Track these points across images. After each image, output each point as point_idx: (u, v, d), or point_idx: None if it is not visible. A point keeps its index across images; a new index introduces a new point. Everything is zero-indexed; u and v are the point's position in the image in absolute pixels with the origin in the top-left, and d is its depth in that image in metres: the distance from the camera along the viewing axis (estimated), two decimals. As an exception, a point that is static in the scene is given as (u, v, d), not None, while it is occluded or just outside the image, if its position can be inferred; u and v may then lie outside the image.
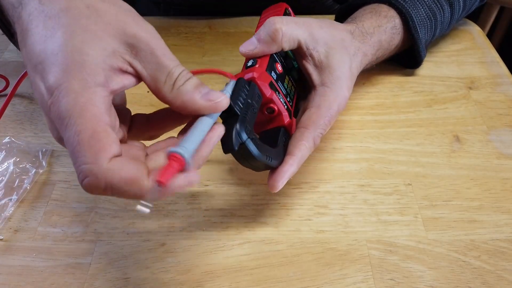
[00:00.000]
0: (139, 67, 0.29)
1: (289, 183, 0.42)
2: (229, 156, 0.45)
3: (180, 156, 0.27)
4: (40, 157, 0.43)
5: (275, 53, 0.40)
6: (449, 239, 0.38)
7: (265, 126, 0.39)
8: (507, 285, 0.35)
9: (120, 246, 0.38)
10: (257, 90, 0.36)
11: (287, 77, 0.41)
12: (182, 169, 0.27)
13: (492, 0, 0.91)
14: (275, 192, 0.35)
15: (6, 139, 0.44)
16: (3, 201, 0.40)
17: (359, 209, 0.40)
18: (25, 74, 0.45)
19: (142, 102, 0.50)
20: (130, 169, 0.27)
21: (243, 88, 0.35)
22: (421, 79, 0.53)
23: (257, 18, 0.50)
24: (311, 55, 0.40)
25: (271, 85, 0.38)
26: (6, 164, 0.42)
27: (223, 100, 0.31)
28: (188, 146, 0.28)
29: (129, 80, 0.29)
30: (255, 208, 0.40)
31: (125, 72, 0.29)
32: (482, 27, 0.98)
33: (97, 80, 0.27)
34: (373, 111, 0.49)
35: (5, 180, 0.41)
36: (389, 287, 0.35)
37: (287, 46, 0.39)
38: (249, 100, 0.35)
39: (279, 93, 0.38)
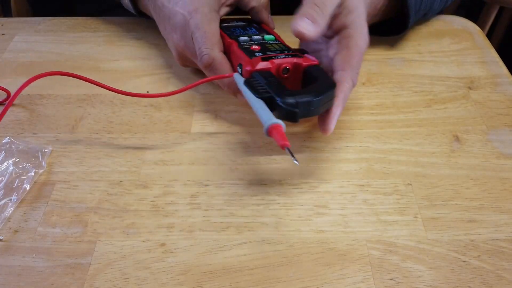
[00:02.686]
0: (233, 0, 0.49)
1: (289, 183, 0.42)
2: (229, 156, 0.45)
3: (277, 124, 0.36)
4: (40, 158, 0.43)
5: (237, 36, 0.47)
6: (449, 239, 0.38)
7: (299, 79, 0.43)
8: (507, 285, 0.35)
9: (120, 247, 0.38)
10: (260, 73, 0.41)
11: (265, 45, 0.46)
12: (283, 129, 0.36)
13: (492, 0, 0.91)
14: (328, 135, 0.41)
15: (6, 140, 0.44)
16: (2, 202, 0.40)
17: (359, 209, 0.40)
18: (24, 85, 0.45)
19: (142, 103, 0.50)
20: (225, 60, 0.45)
21: (254, 81, 0.40)
22: (420, 79, 0.53)
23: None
24: None
25: (264, 59, 0.42)
26: (5, 164, 0.42)
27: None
28: (272, 117, 0.37)
29: (227, 10, 0.49)
30: (255, 208, 0.40)
31: (226, 5, 0.49)
32: (482, 27, 0.98)
33: (215, 8, 0.47)
34: (373, 111, 0.49)
35: (4, 180, 0.41)
36: (389, 287, 0.35)
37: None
38: (265, 82, 0.39)
39: (275, 57, 0.42)
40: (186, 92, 0.49)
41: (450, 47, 0.58)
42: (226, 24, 0.50)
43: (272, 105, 0.38)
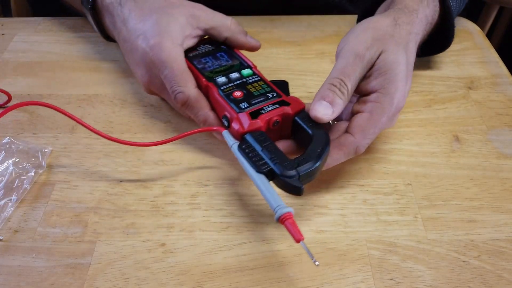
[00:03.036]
0: (201, 32, 0.47)
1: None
2: (228, 156, 0.45)
3: (289, 213, 0.34)
4: (40, 158, 0.43)
5: (220, 89, 0.43)
6: (449, 239, 0.38)
7: (288, 127, 0.41)
8: (507, 284, 0.35)
9: (119, 247, 0.38)
10: (252, 136, 0.38)
11: (246, 86, 0.43)
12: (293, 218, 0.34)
13: (492, 0, 0.91)
14: None
15: (6, 140, 0.44)
16: (2, 202, 0.40)
17: (358, 209, 0.40)
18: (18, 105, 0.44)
19: (141, 102, 0.50)
20: (202, 96, 0.43)
21: (248, 148, 0.38)
22: (420, 79, 0.53)
23: (256, 18, 0.50)
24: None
25: (252, 115, 0.39)
26: (5, 164, 0.42)
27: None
28: (281, 203, 0.35)
29: (193, 41, 0.47)
30: (255, 208, 0.40)
31: (192, 37, 0.46)
32: (482, 27, 0.98)
33: (179, 42, 0.44)
34: (373, 111, 0.49)
35: (4, 180, 0.41)
36: (389, 287, 0.35)
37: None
38: (261, 149, 0.37)
39: (263, 109, 0.40)
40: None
41: (450, 47, 0.58)
42: (193, 54, 0.47)
43: (272, 176, 0.36)
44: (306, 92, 0.52)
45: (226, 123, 0.41)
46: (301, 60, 0.56)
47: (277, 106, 0.40)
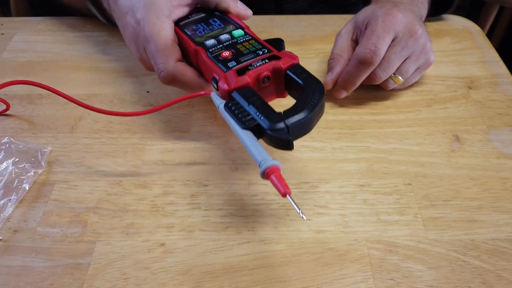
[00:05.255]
0: (190, 0, 0.46)
1: (289, 183, 0.42)
2: (229, 156, 0.45)
3: (275, 166, 0.32)
4: (39, 157, 0.43)
5: (208, 47, 0.42)
6: (449, 239, 0.38)
7: (281, 83, 0.39)
8: (507, 284, 0.35)
9: (119, 247, 0.38)
10: (239, 92, 0.37)
11: (235, 46, 0.41)
12: (280, 171, 0.33)
13: (492, 0, 0.91)
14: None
15: (5, 139, 0.44)
16: (2, 202, 0.40)
17: (358, 209, 0.40)
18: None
19: (141, 102, 0.50)
20: (186, 67, 0.42)
21: (234, 106, 0.36)
22: (420, 79, 0.53)
23: (256, 17, 0.50)
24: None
25: (239, 72, 0.38)
26: (5, 164, 0.42)
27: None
28: (267, 157, 0.33)
29: (184, 10, 0.46)
30: (255, 208, 0.40)
31: (181, 6, 0.45)
32: (482, 26, 0.98)
33: (165, 14, 0.43)
34: (373, 110, 0.49)
35: (4, 180, 0.41)
36: (389, 287, 0.35)
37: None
38: (247, 104, 0.36)
39: (251, 65, 0.38)
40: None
41: (450, 47, 0.58)
42: (185, 21, 0.45)
43: (260, 132, 0.35)
44: (306, 92, 0.52)
45: (215, 85, 0.39)
46: (301, 60, 0.55)
47: (267, 61, 0.38)
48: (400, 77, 0.48)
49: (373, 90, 0.51)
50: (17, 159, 0.43)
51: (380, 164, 0.44)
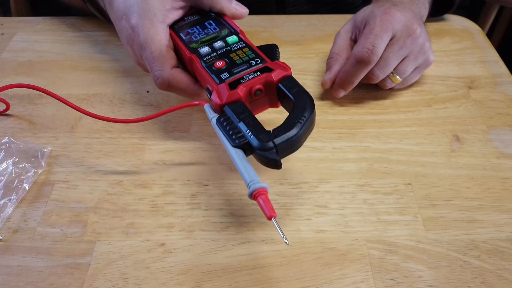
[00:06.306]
0: (184, 3, 0.45)
1: (289, 183, 0.42)
2: (229, 156, 0.45)
3: (263, 188, 0.33)
4: (39, 157, 0.43)
5: (202, 57, 0.41)
6: (449, 238, 0.38)
7: (273, 94, 0.39)
8: (507, 284, 0.35)
9: (119, 246, 0.38)
10: (231, 108, 0.37)
11: (229, 55, 0.41)
12: (267, 194, 0.33)
13: (492, 0, 0.91)
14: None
15: (5, 139, 0.44)
16: (2, 201, 0.40)
17: (358, 209, 0.40)
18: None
19: (141, 102, 0.50)
20: (182, 74, 0.42)
21: (226, 122, 0.36)
22: (420, 79, 0.53)
23: (256, 17, 0.50)
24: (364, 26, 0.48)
25: (232, 86, 0.38)
26: (5, 164, 0.42)
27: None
28: (255, 178, 0.34)
29: (178, 13, 0.45)
30: (255, 208, 0.40)
31: (174, 9, 0.44)
32: (482, 26, 0.98)
33: (158, 19, 0.43)
34: (373, 110, 0.49)
35: (4, 180, 0.41)
36: (389, 287, 0.35)
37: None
38: (237, 120, 0.36)
39: (243, 78, 0.38)
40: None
41: (451, 47, 0.58)
42: (180, 24, 0.45)
43: (250, 149, 0.35)
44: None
45: (209, 96, 0.39)
46: (301, 60, 0.56)
47: (259, 73, 0.38)
48: (398, 77, 0.48)
49: (373, 90, 0.51)
50: (17, 159, 0.43)
51: (380, 164, 0.44)
